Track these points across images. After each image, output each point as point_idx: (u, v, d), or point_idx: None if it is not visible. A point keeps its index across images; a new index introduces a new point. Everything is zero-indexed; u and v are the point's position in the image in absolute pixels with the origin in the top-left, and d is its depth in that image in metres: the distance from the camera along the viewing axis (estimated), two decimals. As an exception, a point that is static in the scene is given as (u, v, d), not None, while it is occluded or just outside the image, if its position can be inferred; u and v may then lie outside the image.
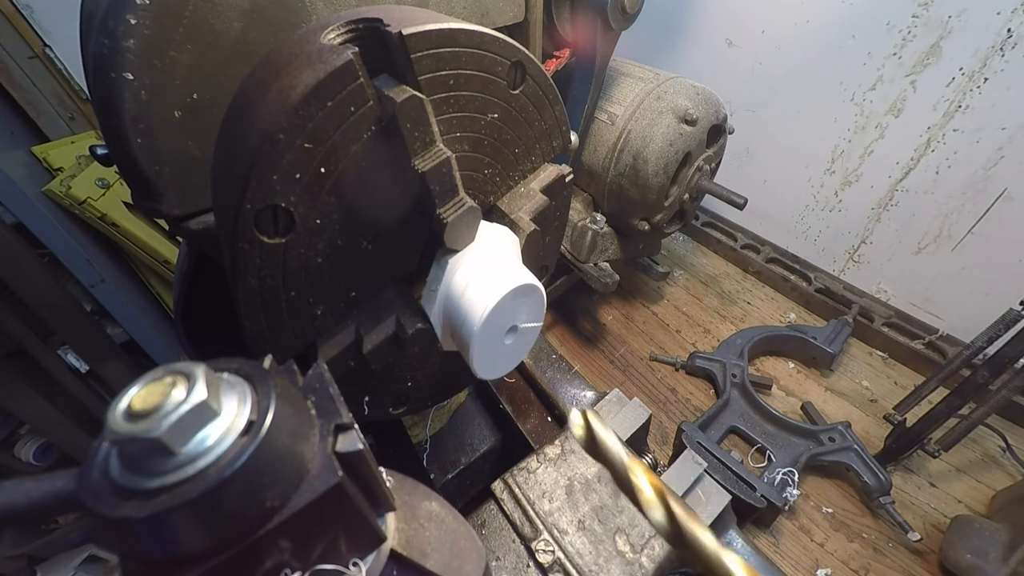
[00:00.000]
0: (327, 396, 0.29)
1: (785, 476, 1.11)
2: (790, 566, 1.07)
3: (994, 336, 1.03)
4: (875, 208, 1.47)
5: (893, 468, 1.19)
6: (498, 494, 0.70)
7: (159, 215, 0.55)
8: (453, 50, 0.45)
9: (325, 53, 0.39)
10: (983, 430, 1.12)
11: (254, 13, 0.53)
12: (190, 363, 0.24)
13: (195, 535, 0.22)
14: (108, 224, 1.40)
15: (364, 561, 0.29)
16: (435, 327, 0.53)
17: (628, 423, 0.82)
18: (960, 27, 1.17)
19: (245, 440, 0.23)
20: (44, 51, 1.33)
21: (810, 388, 1.41)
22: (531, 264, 0.59)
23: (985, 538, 0.98)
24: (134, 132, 0.49)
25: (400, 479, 0.37)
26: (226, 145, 0.43)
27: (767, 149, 1.68)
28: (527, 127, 0.57)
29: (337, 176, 0.43)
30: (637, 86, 1.23)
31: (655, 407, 1.38)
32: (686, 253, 1.89)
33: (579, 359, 1.53)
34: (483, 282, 0.49)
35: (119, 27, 0.46)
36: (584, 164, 1.30)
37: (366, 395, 0.60)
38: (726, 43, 1.62)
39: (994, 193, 1.23)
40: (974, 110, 1.20)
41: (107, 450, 0.24)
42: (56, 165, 1.37)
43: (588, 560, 0.62)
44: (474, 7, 0.77)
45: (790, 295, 1.69)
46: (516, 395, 1.05)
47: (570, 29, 1.05)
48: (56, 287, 1.29)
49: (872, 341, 1.51)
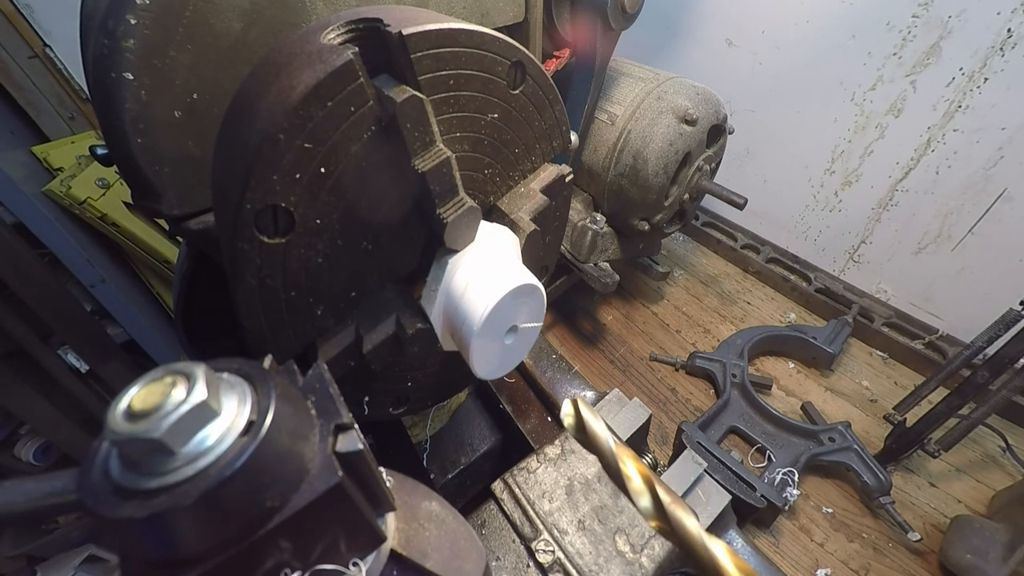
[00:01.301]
0: (327, 396, 0.29)
1: (785, 476, 1.11)
2: (790, 566, 1.07)
3: (994, 336, 1.03)
4: (875, 208, 1.47)
5: (893, 468, 1.19)
6: (498, 494, 0.70)
7: (159, 215, 0.54)
8: (453, 50, 0.45)
9: (325, 53, 0.39)
10: (983, 430, 1.12)
11: (254, 13, 0.53)
12: (190, 363, 0.24)
13: (195, 535, 0.22)
14: (108, 224, 1.40)
15: (364, 561, 0.29)
16: (435, 327, 0.53)
17: (628, 423, 0.82)
18: (960, 27, 1.17)
19: (245, 440, 0.23)
20: (44, 51, 1.33)
21: (810, 388, 1.41)
22: (531, 264, 0.59)
23: (985, 538, 0.98)
24: (134, 132, 0.49)
25: (400, 479, 0.37)
26: (226, 145, 0.43)
27: (767, 149, 1.68)
28: (527, 127, 0.57)
29: (337, 176, 0.43)
30: (637, 86, 1.23)
31: (655, 407, 1.38)
32: (686, 253, 1.89)
33: (579, 359, 1.53)
34: (483, 282, 0.49)
35: (119, 27, 0.46)
36: (584, 164, 1.30)
37: (366, 395, 0.60)
38: (726, 43, 1.62)
39: (994, 193, 1.23)
40: (974, 110, 1.20)
41: (107, 450, 0.24)
42: (56, 165, 1.37)
43: (588, 560, 0.62)
44: (474, 7, 0.77)
45: (790, 295, 1.69)
46: (516, 395, 1.05)
47: (570, 29, 1.05)
48: (56, 287, 1.29)
49: (872, 341, 1.51)
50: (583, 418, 0.39)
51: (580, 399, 0.40)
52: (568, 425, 0.40)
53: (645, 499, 0.35)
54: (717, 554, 0.31)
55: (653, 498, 0.35)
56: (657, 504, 0.34)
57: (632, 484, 0.36)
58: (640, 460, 0.37)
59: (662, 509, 0.34)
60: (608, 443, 0.38)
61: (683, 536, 0.32)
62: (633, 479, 0.36)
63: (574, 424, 0.40)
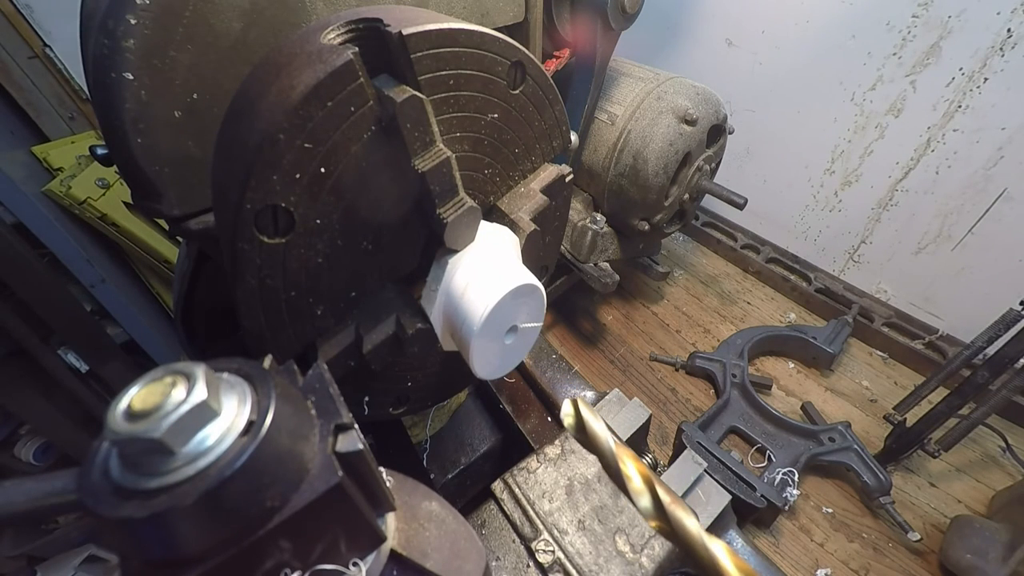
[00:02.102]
0: (327, 396, 0.29)
1: (785, 476, 1.11)
2: (790, 566, 1.07)
3: (994, 336, 1.03)
4: (875, 208, 1.47)
5: (893, 468, 1.19)
6: (498, 494, 0.70)
7: (159, 215, 0.54)
8: (453, 50, 0.45)
9: (325, 53, 0.39)
10: (983, 430, 1.12)
11: (254, 13, 0.53)
12: (190, 363, 0.24)
13: (195, 535, 0.22)
14: (108, 224, 1.40)
15: (364, 561, 0.29)
16: (435, 327, 0.53)
17: (628, 423, 0.82)
18: (960, 27, 1.17)
19: (245, 440, 0.23)
20: (44, 51, 1.33)
21: (810, 388, 1.41)
22: (531, 264, 0.59)
23: (985, 538, 0.98)
24: (134, 132, 0.49)
25: (400, 479, 0.37)
26: (226, 145, 0.43)
27: (767, 149, 1.68)
28: (527, 127, 0.57)
29: (337, 176, 0.43)
30: (637, 86, 1.23)
31: (655, 407, 1.38)
32: (686, 253, 1.89)
33: (579, 359, 1.53)
34: (483, 282, 0.49)
35: (119, 27, 0.46)
36: (584, 164, 1.30)
37: (366, 395, 0.60)
38: (726, 43, 1.62)
39: (994, 193, 1.23)
40: (974, 110, 1.20)
41: (107, 450, 0.24)
42: (56, 165, 1.37)
43: (588, 560, 0.62)
44: (474, 7, 0.77)
45: (790, 295, 1.69)
46: (516, 395, 1.05)
47: (570, 29, 1.05)
48: (56, 287, 1.29)
49: (872, 341, 1.51)
50: (583, 418, 0.39)
51: (580, 399, 0.40)
52: (568, 425, 0.40)
53: (645, 499, 0.35)
54: (717, 554, 0.31)
55: (653, 498, 0.35)
56: (657, 504, 0.34)
57: (632, 484, 0.36)
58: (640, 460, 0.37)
59: (662, 509, 0.34)
60: (608, 443, 0.38)
61: (683, 536, 0.32)
62: (633, 479, 0.36)
63: (574, 424, 0.40)
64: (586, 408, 0.39)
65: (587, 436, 0.39)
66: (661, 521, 0.34)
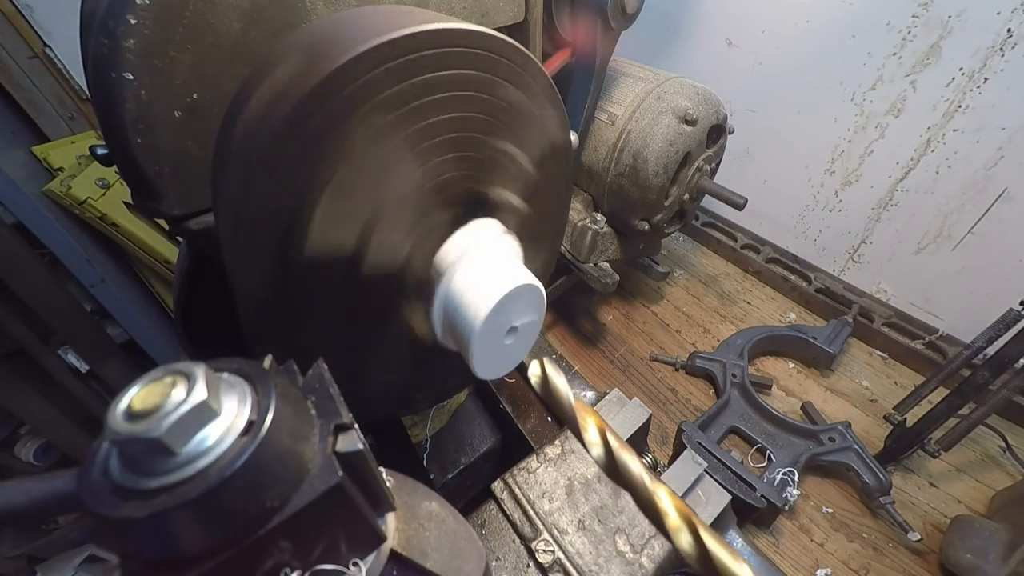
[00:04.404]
0: (327, 396, 0.29)
1: (785, 476, 1.11)
2: (790, 566, 1.07)
3: (994, 336, 1.03)
4: (875, 208, 1.47)
5: (893, 468, 1.19)
6: (498, 494, 0.69)
7: (159, 215, 0.54)
8: (453, 50, 0.45)
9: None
10: (983, 430, 1.12)
11: (254, 13, 0.53)
12: (190, 363, 0.24)
13: (195, 535, 0.22)
14: (108, 224, 1.40)
15: (364, 561, 0.29)
16: (435, 327, 0.53)
17: (628, 423, 0.82)
18: (960, 27, 1.17)
19: (245, 440, 0.23)
20: (44, 51, 1.33)
21: (810, 388, 1.41)
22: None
23: (985, 538, 0.98)
24: (134, 132, 0.49)
25: (400, 479, 0.37)
26: (223, 149, 0.43)
27: (767, 149, 1.68)
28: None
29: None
30: (637, 86, 1.23)
31: (655, 407, 1.38)
32: (686, 253, 1.89)
33: (579, 359, 1.53)
34: (483, 283, 0.49)
35: (119, 27, 0.46)
36: (584, 164, 1.30)
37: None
38: (726, 43, 1.62)
39: (994, 193, 1.23)
40: (974, 110, 1.20)
41: (107, 450, 0.24)
42: (56, 165, 1.37)
43: (588, 560, 0.62)
44: (474, 7, 0.77)
45: (790, 295, 1.69)
46: (516, 395, 1.05)
47: (570, 29, 1.05)
48: (56, 287, 1.29)
49: (872, 341, 1.51)
50: (547, 375, 0.43)
51: (547, 360, 0.44)
52: (535, 383, 0.44)
53: (598, 449, 0.39)
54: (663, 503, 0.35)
55: (605, 447, 0.38)
56: (608, 451, 0.38)
57: (587, 436, 0.41)
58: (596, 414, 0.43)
59: (611, 455, 0.37)
60: (568, 397, 0.42)
61: (629, 481, 0.37)
62: (589, 431, 0.40)
63: (540, 383, 0.44)
64: (551, 366, 0.43)
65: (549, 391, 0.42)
66: (611, 467, 0.36)
